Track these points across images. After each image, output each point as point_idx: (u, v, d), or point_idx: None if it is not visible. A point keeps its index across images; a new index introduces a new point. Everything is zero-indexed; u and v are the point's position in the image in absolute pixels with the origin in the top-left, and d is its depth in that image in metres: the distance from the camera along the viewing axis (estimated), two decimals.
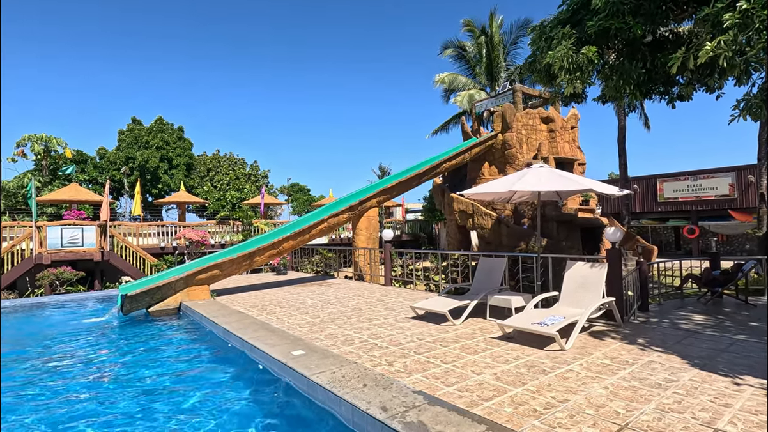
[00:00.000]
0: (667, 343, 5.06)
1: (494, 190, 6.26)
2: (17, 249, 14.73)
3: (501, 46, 23.94)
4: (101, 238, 15.86)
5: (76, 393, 4.71)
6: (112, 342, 7.04)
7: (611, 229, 6.08)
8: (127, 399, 4.47)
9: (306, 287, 10.84)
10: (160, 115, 31.29)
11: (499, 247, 13.10)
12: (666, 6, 6.68)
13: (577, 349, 4.86)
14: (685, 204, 23.26)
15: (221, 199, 25.58)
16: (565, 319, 5.13)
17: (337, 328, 6.21)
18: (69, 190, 18.13)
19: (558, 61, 6.59)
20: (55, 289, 14.16)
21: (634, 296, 6.96)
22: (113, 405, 4.34)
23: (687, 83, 7.31)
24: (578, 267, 6.14)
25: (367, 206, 12.34)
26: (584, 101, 9.90)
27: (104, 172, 27.76)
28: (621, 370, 4.11)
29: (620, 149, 18.96)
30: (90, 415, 4.13)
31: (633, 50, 7.10)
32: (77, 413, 4.17)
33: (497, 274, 7.22)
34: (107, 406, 4.31)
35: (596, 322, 6.10)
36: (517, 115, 15.18)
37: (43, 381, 5.10)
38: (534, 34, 8.17)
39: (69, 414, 4.16)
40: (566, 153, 15.45)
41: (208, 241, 17.50)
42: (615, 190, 6.05)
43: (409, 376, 4.10)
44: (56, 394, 4.69)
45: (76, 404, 4.41)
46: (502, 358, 4.62)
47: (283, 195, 37.42)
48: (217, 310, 7.89)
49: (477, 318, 6.65)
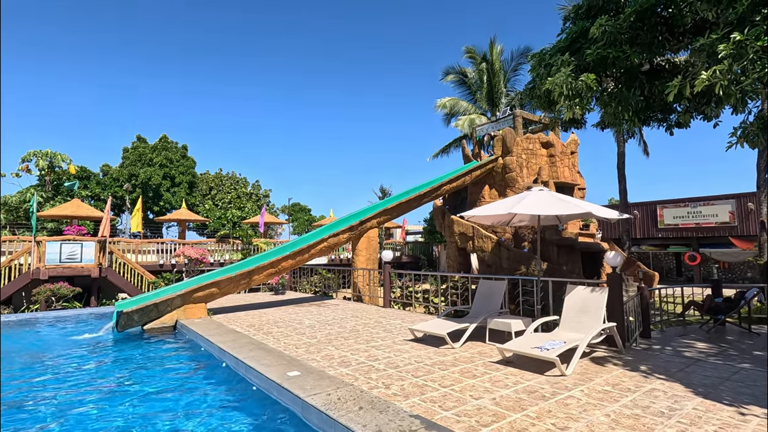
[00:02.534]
0: (669, 370, 4.96)
1: (494, 212, 6.27)
2: (15, 264, 14.66)
3: (501, 73, 24.45)
4: (100, 254, 15.81)
5: (59, 412, 4.60)
6: (103, 359, 6.92)
7: (611, 254, 6.06)
8: (117, 416, 4.36)
9: (304, 307, 10.73)
10: (164, 134, 31.73)
11: (499, 270, 13.02)
12: (662, 36, 6.86)
13: (578, 375, 4.76)
14: (686, 230, 23.24)
15: (222, 218, 25.62)
16: (565, 343, 5.06)
17: (334, 350, 6.11)
18: (71, 206, 18.20)
19: (557, 88, 6.71)
20: (50, 305, 14.01)
21: (635, 322, 6.88)
22: (105, 421, 4.23)
23: (684, 111, 7.42)
24: (579, 291, 6.08)
25: (367, 227, 12.34)
26: (584, 127, 10.05)
27: (107, 189, 27.92)
28: (623, 398, 4.02)
29: (620, 175, 19.10)
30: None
31: (631, 78, 7.25)
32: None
33: (497, 297, 7.15)
34: (97, 422, 4.20)
35: (597, 347, 6.00)
36: (518, 140, 15.35)
37: (24, 399, 4.99)
38: (534, 61, 8.37)
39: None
40: (566, 178, 15.55)
41: (207, 259, 17.41)
42: (614, 215, 6.06)
43: (406, 400, 4.01)
44: (33, 414, 4.58)
45: (62, 421, 4.30)
46: (502, 382, 4.53)
47: (284, 214, 37.50)
48: (214, 328, 7.79)
49: (476, 341, 6.55)
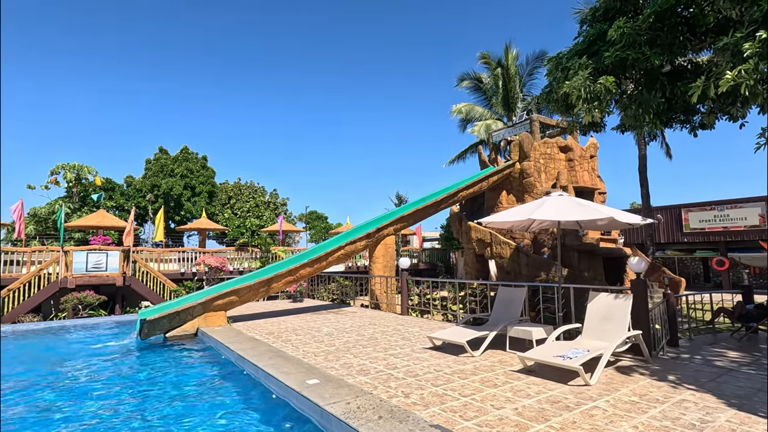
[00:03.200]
0: (700, 380, 4.78)
1: (513, 218, 6.19)
2: (44, 273, 15.17)
3: (517, 78, 24.29)
4: (124, 263, 16.23)
5: (86, 420, 4.71)
6: (129, 366, 7.07)
7: (635, 259, 5.90)
8: (139, 422, 4.44)
9: (322, 315, 10.77)
10: (185, 145, 32.52)
11: (518, 277, 12.82)
12: (683, 36, 6.71)
13: (603, 385, 4.63)
14: (713, 235, 22.49)
15: (241, 226, 26.01)
16: (589, 352, 4.93)
17: (352, 358, 6.10)
18: (96, 217, 18.79)
19: (575, 91, 6.62)
20: (77, 313, 14.43)
21: (662, 330, 6.66)
22: (128, 429, 4.31)
23: (709, 112, 7.22)
24: (602, 298, 5.93)
25: (384, 234, 12.35)
26: (603, 130, 9.87)
27: (130, 199, 28.71)
28: (651, 409, 3.89)
29: (642, 178, 18.60)
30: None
31: (651, 80, 7.10)
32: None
33: (517, 304, 7.04)
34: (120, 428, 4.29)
35: (622, 356, 5.83)
36: (535, 144, 15.18)
37: (51, 406, 5.13)
38: (550, 65, 8.28)
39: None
40: (586, 182, 15.28)
41: (227, 267, 17.68)
42: (638, 219, 5.90)
43: (426, 409, 3.96)
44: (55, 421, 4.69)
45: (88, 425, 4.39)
46: (523, 392, 4.44)
47: (301, 222, 37.84)
48: (233, 336, 7.88)
49: (496, 350, 6.44)
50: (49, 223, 23.02)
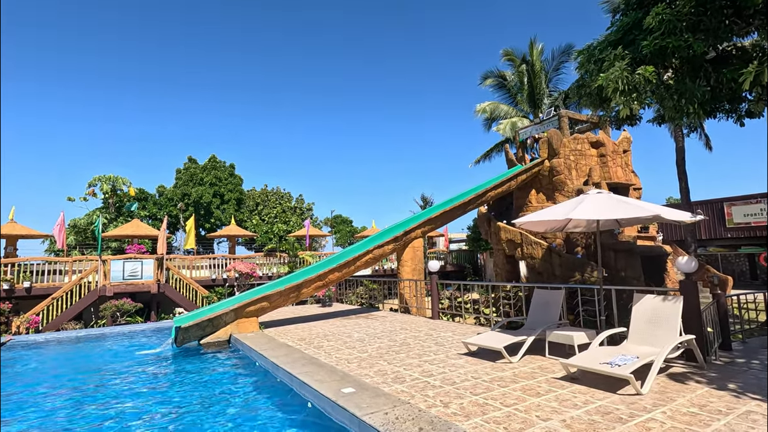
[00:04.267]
0: (765, 389, 4.41)
1: (549, 218, 5.93)
2: (84, 282, 15.77)
3: (543, 73, 23.68)
4: (158, 270, 16.69)
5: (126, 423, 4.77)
6: (166, 374, 7.19)
7: (684, 259, 5.54)
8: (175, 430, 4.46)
9: (352, 320, 10.71)
10: (213, 154, 33.34)
11: (551, 278, 12.40)
12: (729, 20, 6.30)
13: (656, 394, 4.33)
14: (759, 229, 21.23)
15: (269, 232, 26.39)
16: (638, 359, 4.63)
17: (386, 364, 5.98)
18: (131, 226, 19.42)
19: (612, 83, 6.32)
20: (115, 320, 14.91)
21: (713, 333, 6.24)
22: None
23: (757, 99, 6.76)
24: (648, 300, 5.60)
25: (411, 237, 12.20)
26: (638, 123, 9.42)
27: (162, 209, 29.62)
28: (714, 421, 3.59)
29: (680, 172, 17.71)
30: None
31: (694, 68, 6.71)
32: None
33: (555, 307, 6.76)
34: None
35: (674, 362, 5.48)
36: (564, 141, 14.71)
37: (90, 411, 5.23)
38: (582, 58, 7.97)
39: None
40: (619, 178, 14.68)
41: (257, 272, 17.94)
42: (686, 216, 5.53)
43: (467, 420, 3.80)
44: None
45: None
46: (570, 401, 4.20)
47: (327, 227, 38.12)
48: (266, 342, 7.90)
49: (535, 355, 6.19)
50: (87, 233, 24.01)
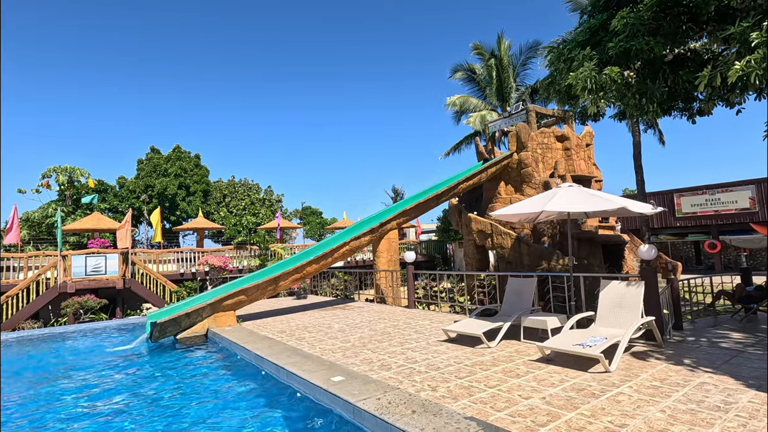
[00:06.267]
0: (715, 363, 4.93)
1: (525, 210, 6.27)
2: (42, 278, 14.97)
3: (510, 68, 24.34)
4: (123, 265, 16.08)
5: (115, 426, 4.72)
6: (145, 370, 7.06)
7: (645, 247, 6.02)
8: (174, 426, 4.47)
9: (329, 311, 10.81)
10: (177, 144, 32.12)
11: (519, 267, 12.98)
12: (686, 26, 6.79)
13: (623, 371, 4.75)
14: (705, 218, 22.93)
15: (237, 225, 25.87)
16: (607, 340, 5.05)
17: (370, 353, 6.17)
18: (92, 219, 18.52)
19: (581, 82, 6.68)
20: (78, 318, 14.28)
21: (668, 315, 6.83)
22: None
23: (707, 99, 7.34)
24: (614, 286, 6.06)
25: (387, 228, 12.40)
26: (601, 119, 9.97)
27: (124, 201, 28.35)
28: (674, 393, 4.01)
29: (636, 165, 18.89)
30: None
31: (654, 69, 7.19)
32: None
33: (528, 294, 7.15)
34: None
35: (636, 342, 5.97)
36: (532, 135, 15.29)
37: (71, 417, 5.13)
38: (552, 56, 8.32)
39: None
40: (583, 170, 15.45)
41: (230, 266, 17.63)
42: (648, 208, 6.01)
43: (456, 402, 4.04)
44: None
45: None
46: (547, 381, 4.54)
47: (297, 219, 37.72)
48: (246, 336, 7.89)
49: (511, 340, 6.56)
50: (42, 227, 22.67)
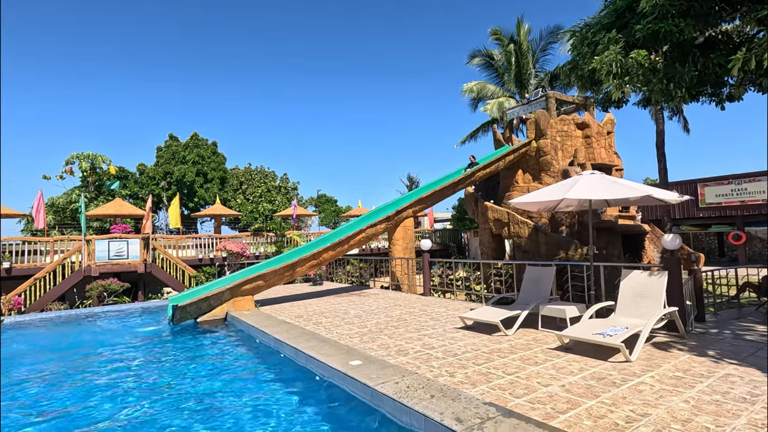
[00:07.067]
0: (740, 355, 4.82)
1: (545, 198, 6.17)
2: (67, 262, 15.46)
3: (530, 53, 23.76)
4: (144, 250, 16.48)
5: (143, 401, 4.89)
6: (172, 351, 7.28)
7: (669, 236, 5.88)
8: (192, 402, 4.61)
9: (345, 297, 10.92)
10: (195, 131, 32.45)
11: (536, 256, 12.85)
12: (718, 6, 6.51)
13: (644, 361, 4.69)
14: (729, 209, 22.24)
15: (254, 212, 26.17)
16: (627, 329, 4.98)
17: (387, 339, 6.22)
18: (114, 205, 18.97)
19: (605, 66, 6.48)
20: (102, 300, 14.75)
21: (691, 306, 6.69)
22: (188, 408, 4.48)
23: (738, 84, 7.07)
24: (635, 276, 5.95)
25: (403, 216, 12.38)
26: (624, 105, 9.68)
27: (144, 187, 28.90)
28: (698, 383, 3.95)
29: (659, 154, 18.34)
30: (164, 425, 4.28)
31: (683, 52, 6.93)
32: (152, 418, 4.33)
33: (546, 283, 7.08)
34: (178, 414, 4.45)
35: (657, 333, 5.88)
36: (552, 122, 14.98)
37: (105, 393, 5.32)
38: (575, 40, 8.08)
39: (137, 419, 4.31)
40: (603, 159, 15.10)
41: (248, 252, 17.91)
42: (674, 196, 5.85)
43: (474, 387, 4.06)
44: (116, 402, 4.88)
45: (145, 409, 4.57)
46: (566, 369, 4.52)
47: (312, 206, 37.96)
48: (265, 320, 8.04)
49: (528, 328, 6.52)
50: (67, 212, 23.31)
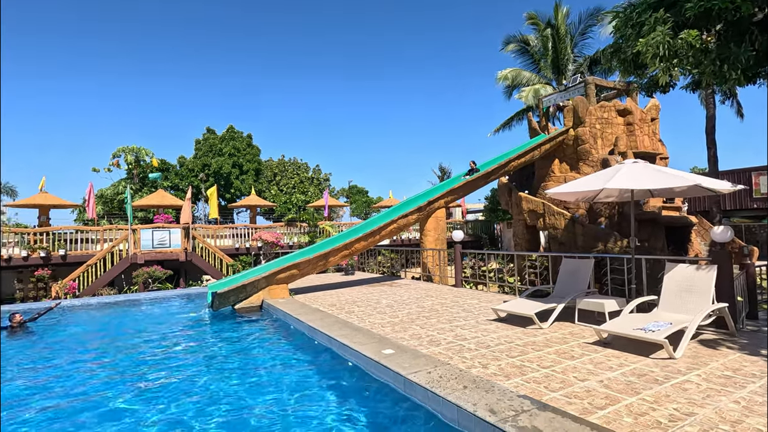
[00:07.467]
0: None
1: (584, 188, 5.94)
2: (116, 250, 16.39)
3: (568, 38, 22.79)
4: (185, 239, 17.21)
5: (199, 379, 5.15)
6: (214, 335, 7.65)
7: (720, 228, 5.54)
8: (235, 384, 4.82)
9: (376, 287, 11.01)
10: (231, 124, 33.43)
11: (573, 248, 12.46)
12: None
13: (689, 359, 4.48)
14: None
15: (287, 202, 26.75)
16: (672, 325, 4.76)
17: (419, 329, 6.23)
18: (156, 196, 19.89)
19: (652, 49, 6.13)
20: (147, 286, 15.57)
21: (742, 302, 6.30)
22: (236, 384, 4.69)
23: None
24: (681, 270, 5.66)
25: (435, 206, 12.30)
26: (671, 90, 9.13)
27: (184, 179, 30.12)
28: (749, 384, 3.73)
29: (709, 140, 17.27)
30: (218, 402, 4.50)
31: (740, 31, 6.44)
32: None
33: (584, 276, 6.86)
34: (228, 392, 4.67)
35: (705, 329, 5.59)
36: (590, 109, 14.37)
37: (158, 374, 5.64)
38: (618, 22, 7.68)
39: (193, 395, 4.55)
40: (646, 147, 14.38)
41: (282, 242, 18.36)
42: (727, 186, 5.49)
43: (508, 380, 4.01)
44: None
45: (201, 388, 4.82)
46: (604, 364, 4.38)
47: (343, 197, 38.36)
48: (299, 308, 8.24)
49: (564, 322, 6.36)
50: (114, 203, 24.68)
